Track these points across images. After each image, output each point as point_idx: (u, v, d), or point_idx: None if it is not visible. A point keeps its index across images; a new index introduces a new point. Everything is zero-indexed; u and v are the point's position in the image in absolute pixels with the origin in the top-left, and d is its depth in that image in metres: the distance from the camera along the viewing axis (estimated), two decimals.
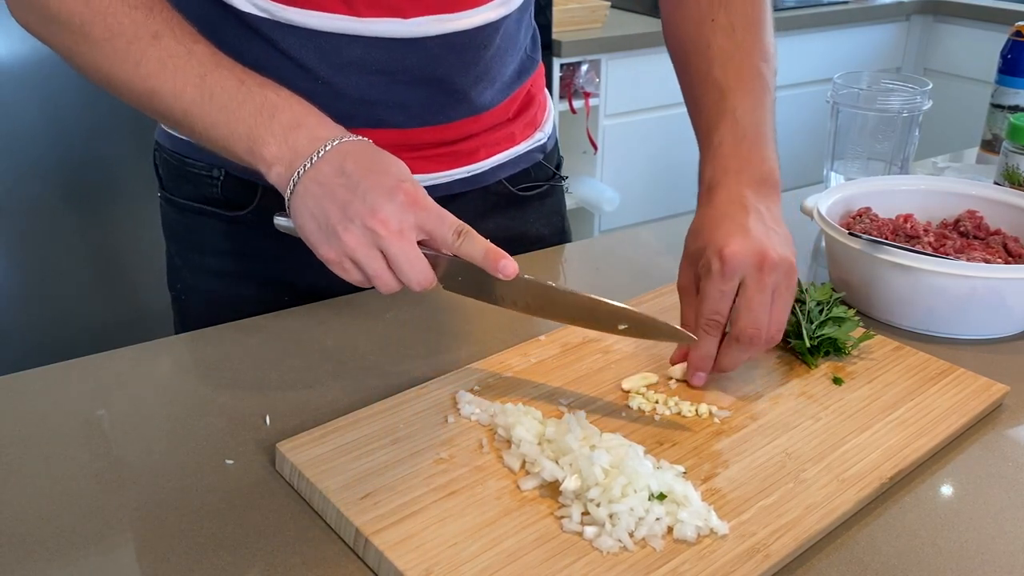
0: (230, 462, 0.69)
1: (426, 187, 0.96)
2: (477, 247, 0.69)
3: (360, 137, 0.73)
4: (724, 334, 0.75)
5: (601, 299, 0.71)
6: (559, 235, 1.14)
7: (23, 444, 0.71)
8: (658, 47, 2.88)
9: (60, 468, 0.68)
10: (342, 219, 0.68)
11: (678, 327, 0.71)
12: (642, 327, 0.71)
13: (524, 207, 1.08)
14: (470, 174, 0.99)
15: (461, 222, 0.70)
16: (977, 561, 0.60)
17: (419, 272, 0.69)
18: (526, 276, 0.70)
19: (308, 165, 0.69)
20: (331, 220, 0.68)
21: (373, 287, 0.71)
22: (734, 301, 0.73)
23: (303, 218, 0.70)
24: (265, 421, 0.73)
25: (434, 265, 0.70)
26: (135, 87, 0.74)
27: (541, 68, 1.07)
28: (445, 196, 0.99)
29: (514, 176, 1.05)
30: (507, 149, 1.03)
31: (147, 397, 0.78)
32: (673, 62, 0.93)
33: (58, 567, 0.59)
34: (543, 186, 1.10)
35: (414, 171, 0.95)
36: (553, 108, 1.12)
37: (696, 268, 0.76)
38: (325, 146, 0.70)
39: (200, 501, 0.64)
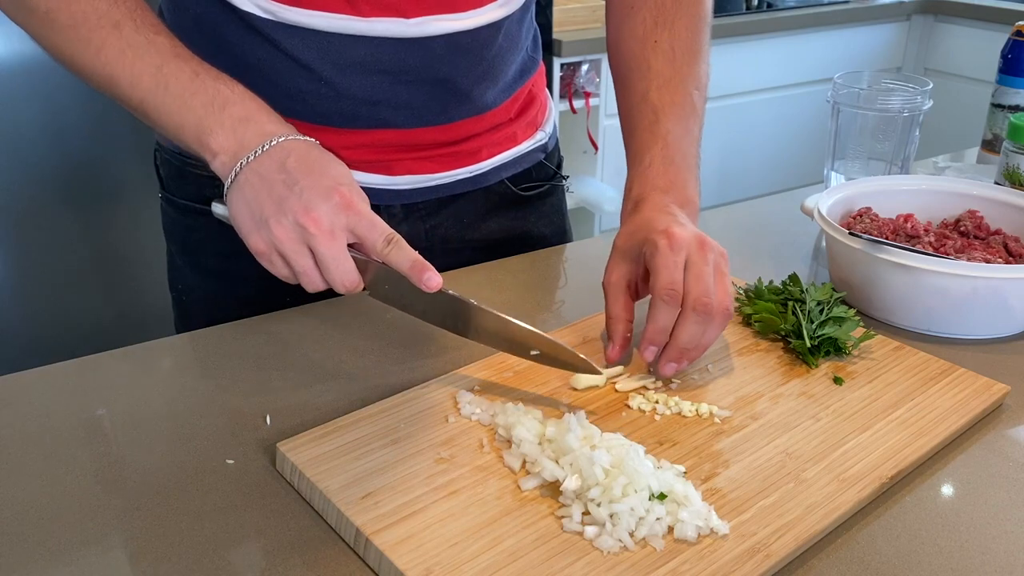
0: (230, 462, 0.69)
1: (429, 187, 0.97)
2: (405, 256, 0.70)
3: (307, 137, 0.75)
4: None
5: (517, 323, 0.72)
6: (560, 235, 1.14)
7: (23, 444, 0.71)
8: None
9: (60, 468, 0.68)
10: (276, 212, 0.70)
11: (586, 358, 0.72)
12: (553, 355, 0.73)
13: (526, 207, 1.08)
14: (472, 174, 1.00)
15: (392, 231, 0.71)
16: (977, 561, 0.60)
17: (344, 273, 0.70)
18: (450, 291, 0.72)
19: (251, 157, 0.72)
20: (265, 212, 0.70)
21: (299, 284, 0.73)
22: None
23: (238, 206, 0.72)
24: (265, 421, 0.73)
25: (363, 270, 0.72)
26: (96, 73, 0.76)
27: (542, 68, 1.07)
28: (448, 196, 0.99)
29: (516, 176, 1.05)
30: (509, 149, 1.03)
31: (147, 397, 0.78)
32: (613, 76, 0.95)
33: (58, 567, 0.59)
34: (544, 186, 1.10)
35: (417, 171, 0.95)
36: (554, 108, 1.12)
37: (629, 264, 0.78)
38: (271, 141, 0.72)
39: (200, 501, 0.64)
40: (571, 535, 0.59)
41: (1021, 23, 1.32)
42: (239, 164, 0.72)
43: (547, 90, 1.11)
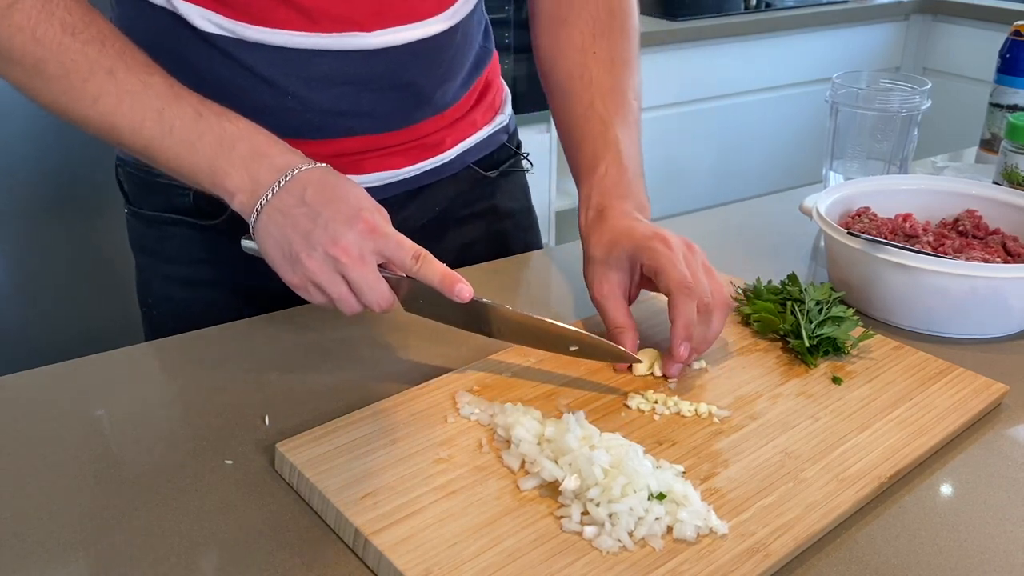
0: (229, 462, 0.69)
1: (398, 181, 0.97)
2: (435, 271, 0.72)
3: (319, 164, 0.75)
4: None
5: (553, 322, 0.75)
6: (526, 212, 1.16)
7: (22, 444, 0.71)
8: (654, 47, 2.87)
9: (59, 468, 0.68)
10: (305, 247, 0.71)
11: (625, 349, 0.76)
12: (591, 349, 0.75)
13: (492, 186, 1.10)
14: (438, 164, 1.00)
15: (419, 247, 0.72)
16: (976, 560, 0.60)
17: (379, 295, 0.72)
18: (483, 299, 0.74)
19: (270, 195, 0.72)
20: (294, 247, 0.71)
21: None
22: None
23: (267, 245, 0.73)
24: (264, 421, 0.74)
25: (395, 288, 0.74)
26: (93, 122, 0.75)
27: (495, 56, 1.09)
28: (416, 188, 1.00)
29: (480, 160, 1.07)
30: (471, 135, 1.04)
31: (146, 397, 0.78)
32: (550, 89, 0.96)
33: (57, 567, 0.59)
34: (508, 163, 1.11)
35: (382, 168, 0.96)
36: (508, 92, 1.13)
37: (617, 273, 0.80)
38: (286, 176, 0.73)
39: (199, 501, 0.64)
40: (570, 535, 0.59)
41: (1019, 23, 1.32)
42: (259, 203, 0.73)
43: (500, 77, 1.12)
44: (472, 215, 1.08)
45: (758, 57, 2.86)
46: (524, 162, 1.16)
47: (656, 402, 0.73)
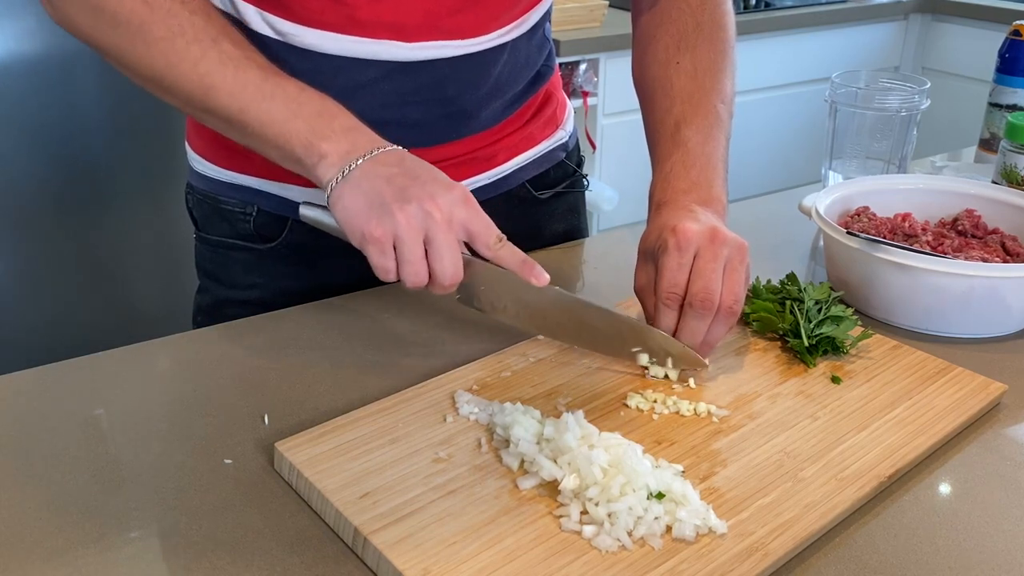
0: (228, 462, 0.69)
1: None
2: (516, 254, 0.74)
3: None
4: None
5: (626, 317, 0.75)
6: (574, 230, 1.15)
7: (21, 444, 0.70)
8: None
9: (58, 468, 0.68)
10: (399, 199, 0.71)
11: (689, 348, 0.76)
12: (658, 348, 0.75)
13: (541, 207, 1.09)
14: (492, 179, 1.00)
15: (502, 233, 0.75)
16: (975, 560, 0.60)
17: (453, 265, 0.72)
18: (556, 288, 0.75)
19: (368, 156, 0.74)
20: (387, 198, 0.71)
21: (394, 283, 0.73)
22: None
23: (353, 197, 0.72)
24: (264, 420, 0.73)
25: (464, 269, 0.74)
26: (191, 84, 0.76)
27: (556, 71, 1.08)
28: None
29: (536, 177, 1.06)
30: (527, 150, 1.03)
31: (145, 397, 0.78)
32: (640, 100, 0.97)
33: (57, 567, 0.59)
34: (563, 184, 1.10)
35: None
36: (571, 107, 1.13)
37: (652, 265, 0.79)
38: (384, 147, 0.75)
39: (198, 501, 0.64)
40: (569, 534, 0.59)
41: (1018, 22, 1.32)
42: (351, 162, 0.73)
43: (562, 91, 1.11)
44: (512, 236, 1.07)
45: (757, 57, 2.86)
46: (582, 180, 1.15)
47: (655, 401, 0.73)
